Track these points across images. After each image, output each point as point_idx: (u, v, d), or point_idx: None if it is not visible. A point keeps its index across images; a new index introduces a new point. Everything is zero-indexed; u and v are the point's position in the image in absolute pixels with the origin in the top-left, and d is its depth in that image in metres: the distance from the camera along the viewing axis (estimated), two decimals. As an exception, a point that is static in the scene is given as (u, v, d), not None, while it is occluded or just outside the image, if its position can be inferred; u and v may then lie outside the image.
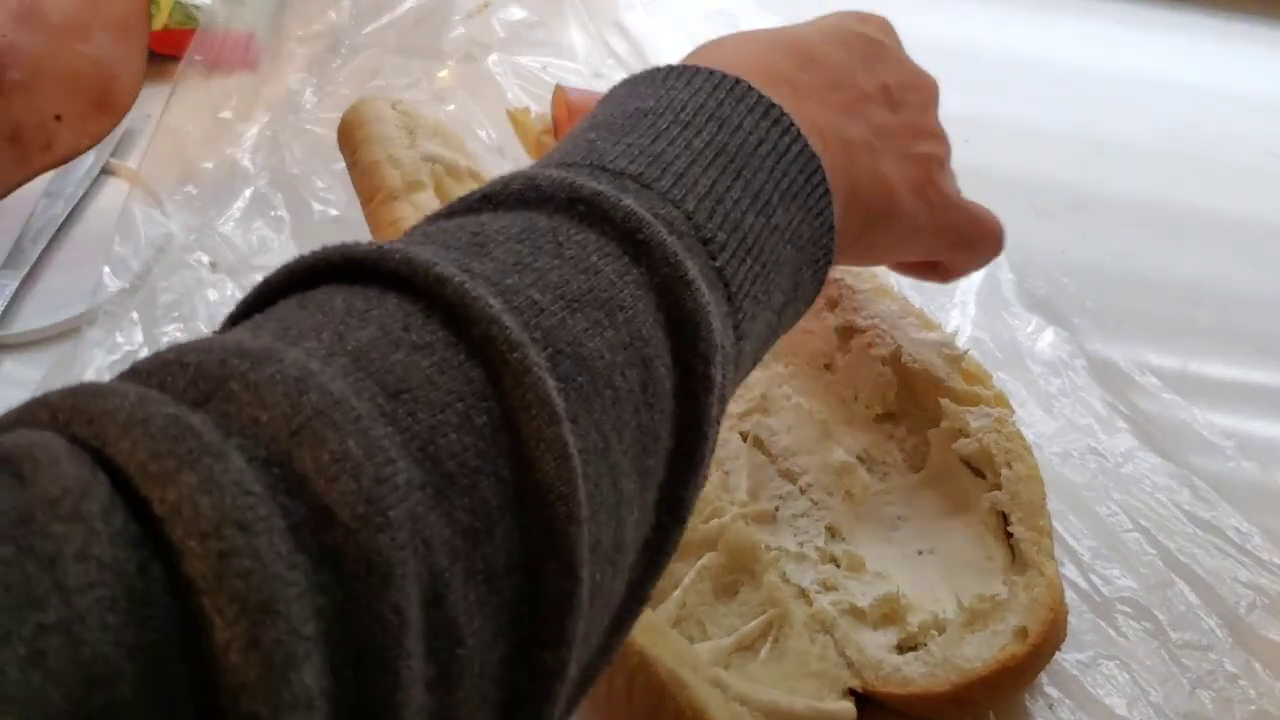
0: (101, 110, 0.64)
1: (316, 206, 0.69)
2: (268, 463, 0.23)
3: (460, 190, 0.61)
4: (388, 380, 0.25)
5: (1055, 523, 0.54)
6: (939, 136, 0.48)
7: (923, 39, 0.92)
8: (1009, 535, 0.52)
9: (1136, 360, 0.65)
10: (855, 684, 0.49)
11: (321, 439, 0.23)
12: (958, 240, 0.50)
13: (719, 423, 0.34)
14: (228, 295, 0.64)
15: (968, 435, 0.54)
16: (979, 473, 0.55)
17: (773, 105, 0.39)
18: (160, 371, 0.25)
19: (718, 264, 0.35)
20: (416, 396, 0.26)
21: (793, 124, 0.39)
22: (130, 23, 0.64)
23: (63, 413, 0.23)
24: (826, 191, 0.39)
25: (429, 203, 0.59)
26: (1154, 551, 0.57)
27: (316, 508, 0.23)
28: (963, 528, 0.54)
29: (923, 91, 0.48)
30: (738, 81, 0.39)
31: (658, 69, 0.40)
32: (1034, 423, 0.61)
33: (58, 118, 0.62)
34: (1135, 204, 0.77)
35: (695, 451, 0.32)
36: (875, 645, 0.50)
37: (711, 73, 0.39)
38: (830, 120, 0.42)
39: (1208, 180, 0.80)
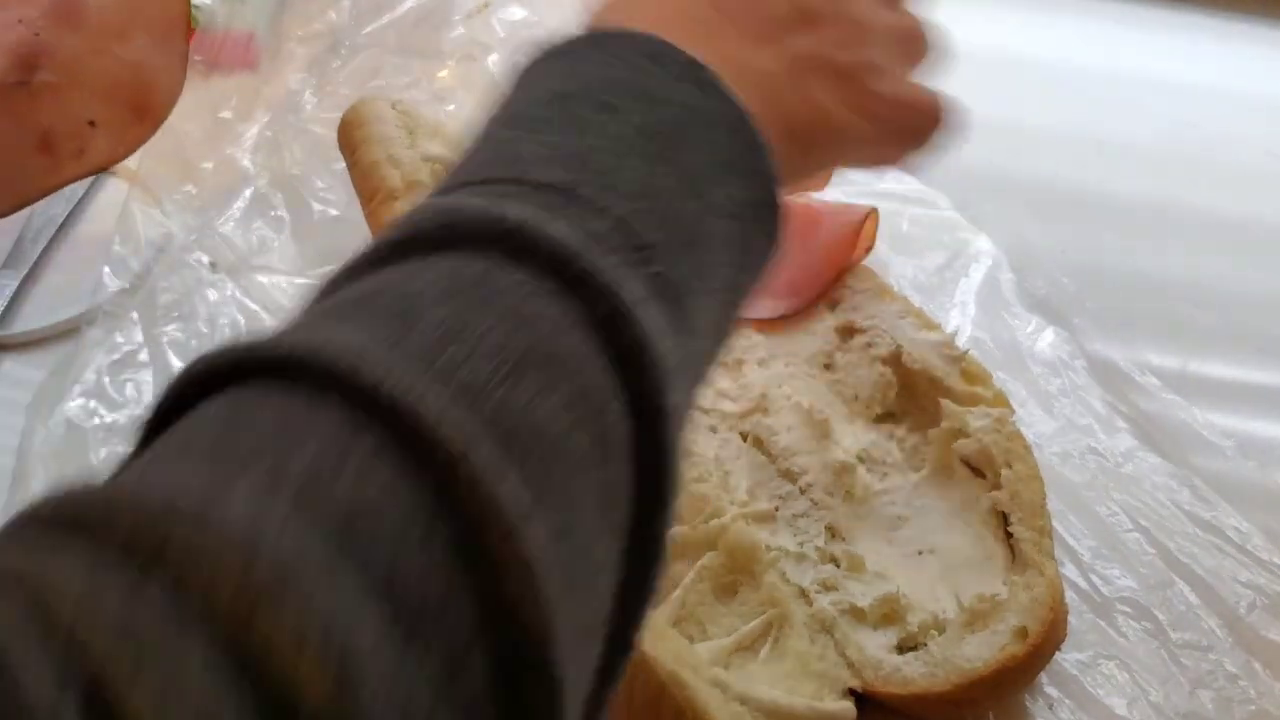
0: (139, 118, 0.61)
1: (316, 206, 0.70)
2: (229, 645, 0.22)
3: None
4: (337, 513, 0.24)
5: (1055, 523, 0.54)
6: (864, 38, 0.44)
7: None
8: (1009, 535, 0.52)
9: (1136, 360, 0.65)
10: (855, 684, 0.49)
11: (279, 613, 0.22)
12: (905, 138, 0.48)
13: (682, 443, 0.32)
14: (228, 295, 0.64)
15: (968, 435, 0.54)
16: (979, 473, 0.55)
17: (693, 63, 0.37)
18: (95, 520, 0.23)
19: (655, 269, 0.33)
20: (371, 528, 0.24)
21: (717, 81, 0.37)
22: (171, 26, 0.61)
23: (21, 589, 0.22)
24: (761, 146, 0.38)
25: (429, 203, 0.59)
26: (1154, 551, 0.57)
27: (283, 693, 0.22)
28: (963, 528, 0.54)
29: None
30: (652, 41, 0.37)
31: (571, 38, 0.39)
32: (1034, 423, 0.61)
33: (92, 124, 0.59)
34: (1135, 204, 0.78)
35: (661, 487, 0.31)
36: (875, 645, 0.50)
37: (629, 36, 0.37)
38: (750, 57, 0.40)
39: (1208, 180, 0.80)
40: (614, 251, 0.32)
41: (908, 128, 0.47)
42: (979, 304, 0.68)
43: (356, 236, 0.64)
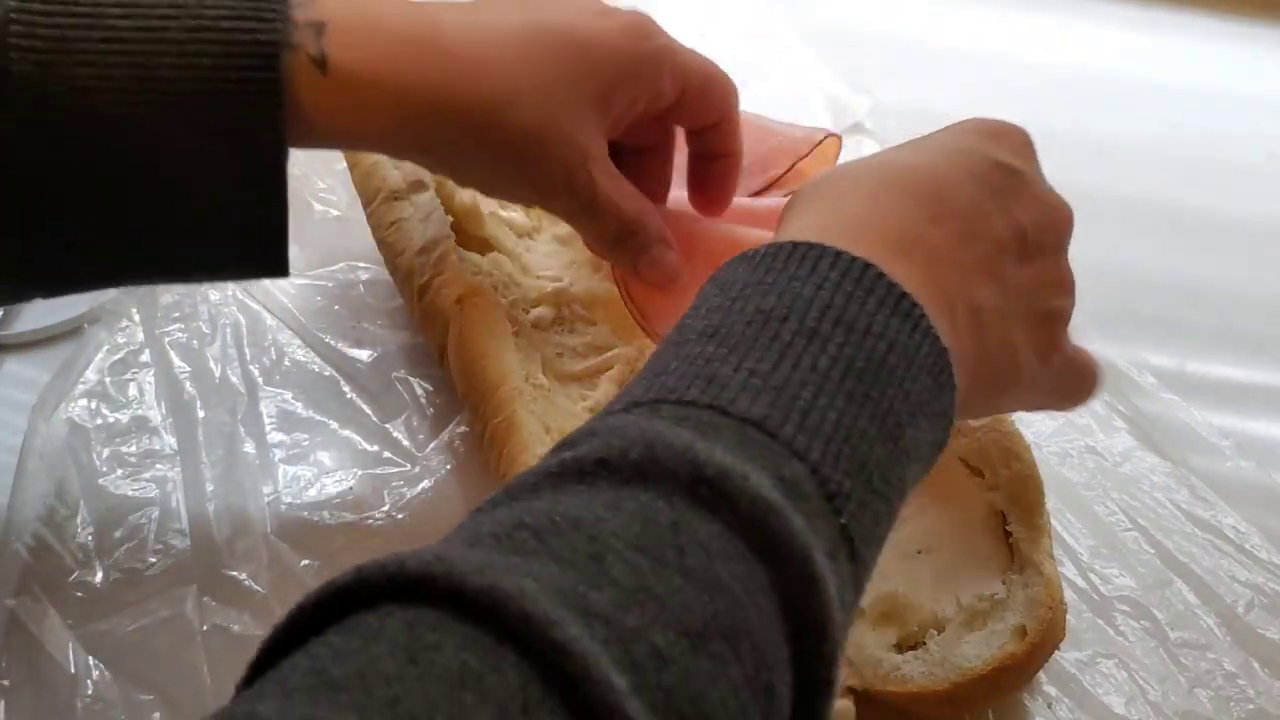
0: None
1: (318, 207, 0.70)
2: None
3: (462, 192, 0.62)
4: None
5: (1054, 522, 0.55)
6: (1068, 286, 0.44)
7: (924, 40, 0.93)
8: (1008, 534, 0.52)
9: (1135, 360, 0.65)
10: (854, 683, 0.49)
11: None
12: (1063, 396, 0.48)
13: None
14: (229, 295, 0.64)
15: (966, 435, 0.55)
16: (978, 472, 0.55)
17: (904, 296, 0.36)
18: None
19: (843, 519, 0.32)
20: None
21: (924, 318, 0.36)
22: None
23: None
24: (953, 389, 0.37)
25: (430, 203, 0.59)
26: (1152, 550, 0.57)
27: None
28: (962, 527, 0.54)
29: (1058, 230, 0.44)
30: (867, 267, 0.36)
31: (780, 245, 0.37)
32: (1032, 422, 0.62)
33: None
34: (1134, 204, 0.78)
35: None
36: (874, 644, 0.50)
37: (838, 256, 0.36)
38: (962, 286, 0.39)
39: (1207, 181, 0.80)
40: (807, 500, 0.32)
41: (1075, 387, 0.47)
42: (978, 304, 0.68)
43: (358, 237, 0.64)
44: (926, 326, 0.36)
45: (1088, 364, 0.46)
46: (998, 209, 0.41)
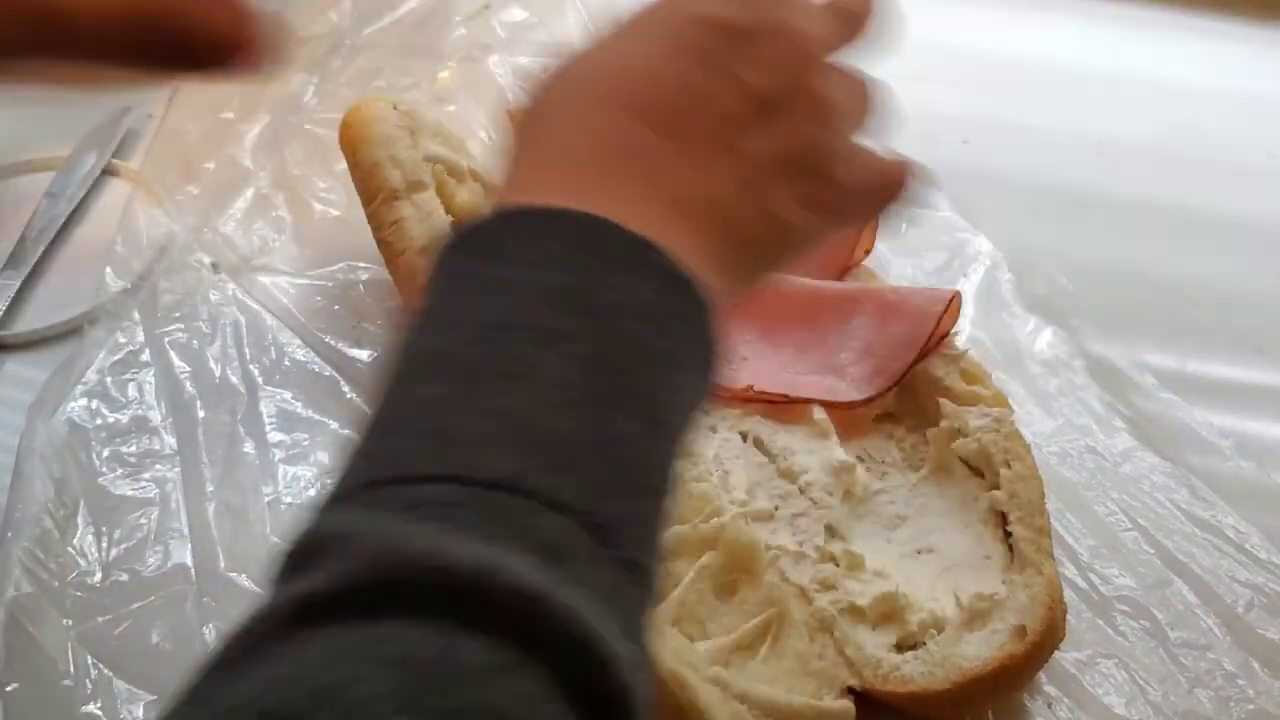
0: None
1: (318, 207, 0.70)
2: None
3: (463, 192, 0.62)
4: None
5: (1054, 522, 0.55)
6: (824, 108, 0.39)
7: (923, 39, 0.93)
8: (1008, 534, 0.52)
9: (1135, 360, 0.65)
10: (854, 683, 0.49)
11: None
12: (870, 214, 0.45)
13: None
14: (229, 295, 0.65)
15: (966, 435, 0.55)
16: (978, 472, 0.55)
17: (637, 245, 0.33)
18: None
19: (621, 553, 0.29)
20: None
21: (666, 263, 0.33)
22: None
23: None
24: (715, 334, 0.35)
25: (431, 203, 0.59)
26: (1152, 550, 0.57)
27: None
28: (961, 527, 0.54)
29: (794, 56, 0.39)
30: (590, 225, 0.33)
31: (495, 220, 0.34)
32: (1032, 422, 0.62)
33: None
34: (1134, 204, 0.78)
35: None
36: (874, 644, 0.50)
37: (563, 219, 0.33)
38: (692, 182, 0.36)
39: (1206, 181, 0.80)
40: (573, 557, 0.28)
41: (872, 206, 0.43)
42: (978, 304, 0.68)
43: (358, 237, 0.64)
44: (669, 271, 0.33)
45: (881, 172, 0.42)
46: (714, 77, 0.37)
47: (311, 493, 0.56)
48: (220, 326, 0.63)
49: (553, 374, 0.31)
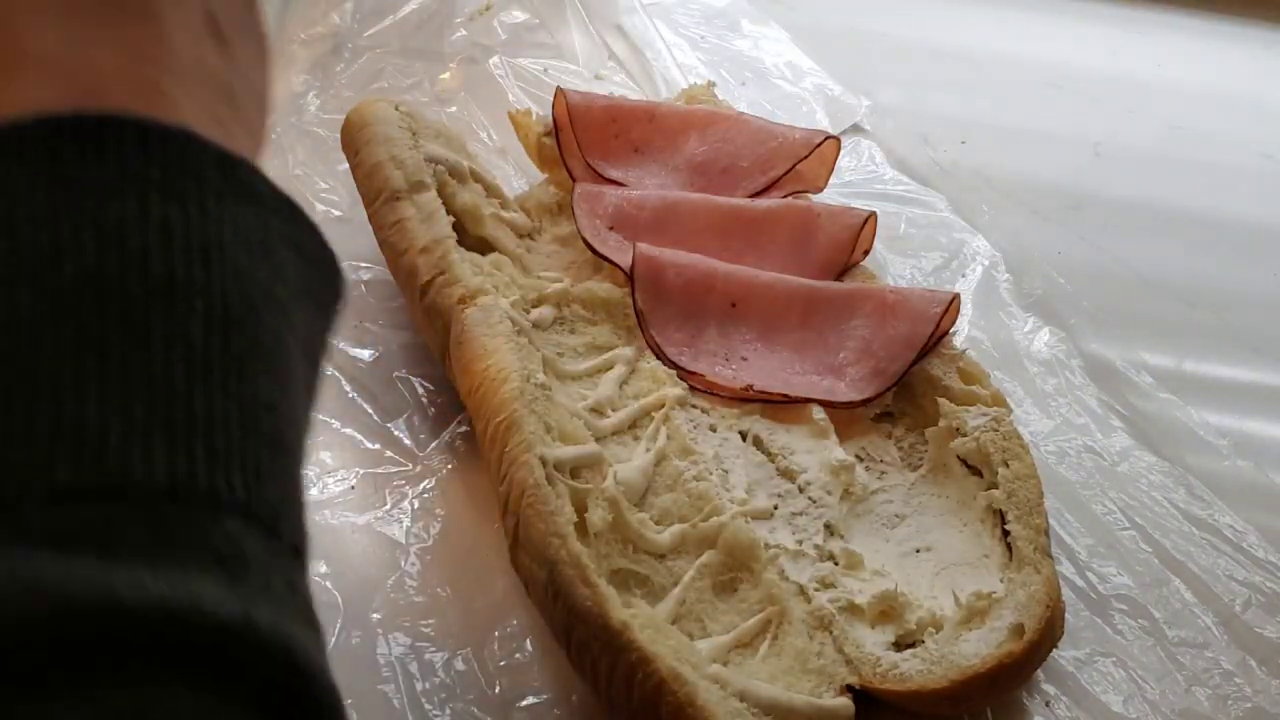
0: None
1: (320, 207, 0.70)
2: None
3: (464, 193, 0.62)
4: None
5: (1052, 520, 0.55)
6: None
7: (922, 40, 0.93)
8: (1006, 533, 0.52)
9: (1132, 360, 0.66)
10: (853, 680, 0.49)
11: None
12: None
13: None
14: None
15: (965, 434, 0.55)
16: (976, 471, 0.55)
17: (227, 162, 0.28)
18: None
19: (291, 539, 0.26)
20: None
21: (247, 171, 0.29)
22: None
23: None
24: (331, 263, 0.32)
25: (432, 203, 0.60)
26: (1150, 549, 0.57)
27: None
28: (960, 526, 0.54)
29: None
30: (184, 142, 0.27)
31: (56, 127, 0.27)
32: (1031, 421, 0.62)
33: None
34: (1132, 205, 0.78)
35: None
36: (873, 642, 0.50)
37: (138, 131, 0.27)
38: (194, 104, 0.30)
39: (1203, 182, 0.80)
40: (248, 563, 0.25)
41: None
42: (976, 304, 0.69)
43: (359, 237, 0.64)
44: (252, 182, 0.28)
45: None
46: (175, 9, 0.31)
47: (313, 492, 0.56)
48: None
49: (179, 342, 0.25)
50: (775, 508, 0.54)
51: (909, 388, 0.58)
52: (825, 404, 0.58)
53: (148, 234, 0.26)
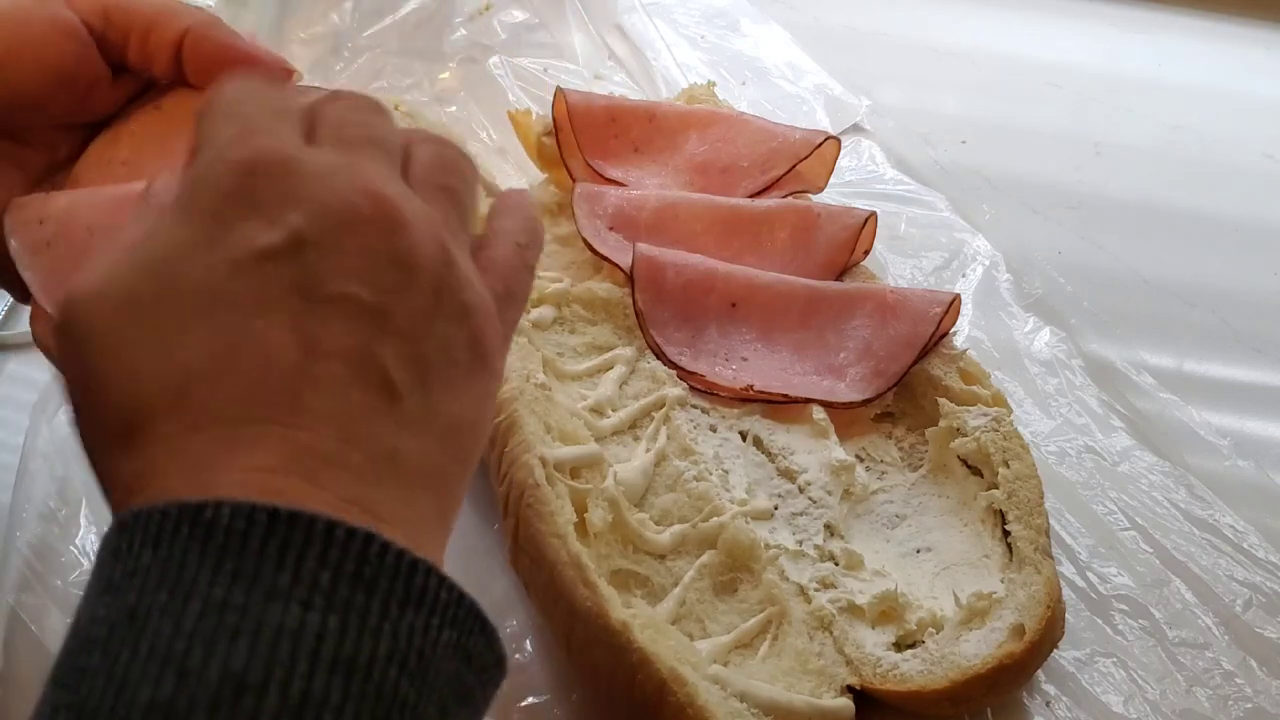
0: None
1: (318, 207, 0.70)
2: None
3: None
4: None
5: (1052, 521, 0.55)
6: (338, 273, 0.30)
7: (922, 40, 0.93)
8: (1006, 533, 0.52)
9: (1133, 360, 0.66)
10: (854, 681, 0.49)
11: None
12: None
13: None
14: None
15: (965, 434, 0.55)
16: (977, 471, 0.55)
17: (405, 561, 0.27)
18: None
19: None
20: None
21: (427, 572, 0.28)
22: None
23: None
24: (498, 671, 0.30)
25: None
26: (1150, 549, 0.57)
27: None
28: (960, 526, 0.54)
29: (348, 245, 0.31)
30: (355, 538, 0.27)
31: (228, 507, 0.26)
32: (1031, 422, 0.62)
33: None
34: (1132, 205, 0.78)
35: None
36: (874, 643, 0.50)
37: (314, 528, 0.26)
38: (286, 442, 0.28)
39: (1203, 182, 0.80)
40: None
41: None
42: (976, 304, 0.69)
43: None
44: (427, 588, 0.27)
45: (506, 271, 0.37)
46: (248, 232, 0.30)
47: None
48: None
49: None
50: (775, 508, 0.54)
51: (909, 388, 0.58)
52: (825, 404, 0.58)
53: (299, 645, 0.25)
